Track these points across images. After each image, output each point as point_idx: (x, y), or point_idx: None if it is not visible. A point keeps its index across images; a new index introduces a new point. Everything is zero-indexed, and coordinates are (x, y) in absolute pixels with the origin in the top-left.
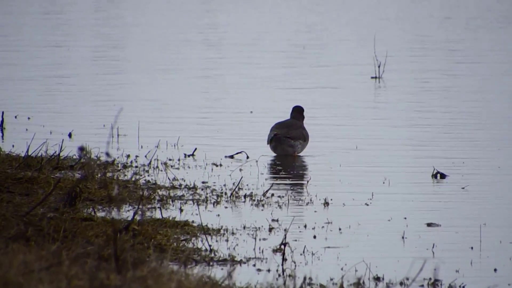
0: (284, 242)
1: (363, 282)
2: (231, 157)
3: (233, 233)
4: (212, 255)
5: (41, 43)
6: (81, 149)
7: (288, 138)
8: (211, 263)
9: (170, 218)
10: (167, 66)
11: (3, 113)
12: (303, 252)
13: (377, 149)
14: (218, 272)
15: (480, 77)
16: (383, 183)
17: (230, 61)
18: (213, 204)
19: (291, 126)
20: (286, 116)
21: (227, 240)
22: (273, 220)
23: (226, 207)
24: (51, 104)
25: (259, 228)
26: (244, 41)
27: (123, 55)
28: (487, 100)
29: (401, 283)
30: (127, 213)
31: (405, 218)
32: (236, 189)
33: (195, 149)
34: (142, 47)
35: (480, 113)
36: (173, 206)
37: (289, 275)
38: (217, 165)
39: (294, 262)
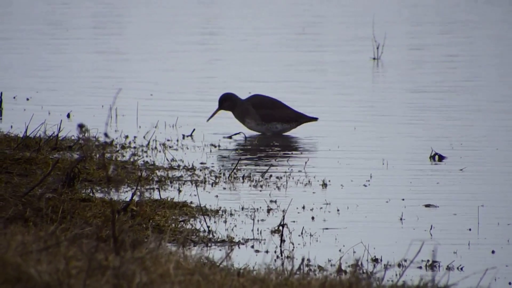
0: (282, 223)
1: (361, 264)
2: (230, 137)
3: (231, 214)
4: (210, 236)
5: (39, 23)
6: (81, 126)
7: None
8: (209, 244)
9: (169, 199)
10: (167, 46)
11: (1, 93)
12: (301, 233)
13: (376, 131)
14: (216, 253)
15: (480, 57)
16: (382, 164)
17: (229, 42)
18: (212, 185)
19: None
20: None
21: (225, 221)
22: (271, 201)
23: (224, 188)
24: (50, 85)
25: (257, 209)
26: (243, 23)
27: (123, 35)
28: (486, 80)
29: (399, 265)
30: (125, 194)
31: (403, 199)
32: (235, 170)
33: (194, 130)
34: (142, 27)
35: (478, 94)
36: (171, 187)
37: (287, 257)
38: (215, 146)
39: (292, 244)
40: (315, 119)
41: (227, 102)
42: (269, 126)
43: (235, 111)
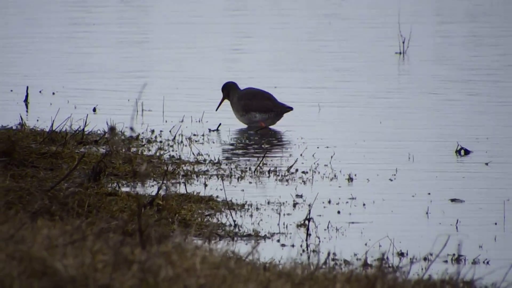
0: (308, 217)
1: (387, 258)
2: (255, 132)
3: (257, 208)
4: (237, 230)
5: (64, 18)
6: (112, 129)
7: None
8: (235, 238)
9: (195, 193)
10: (192, 40)
11: (27, 88)
12: (327, 227)
13: (402, 125)
14: (242, 247)
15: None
16: (408, 159)
17: (256, 37)
18: (238, 179)
19: (275, 97)
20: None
21: (251, 215)
22: (297, 195)
23: (250, 182)
24: (76, 79)
25: (283, 203)
26: (269, 16)
27: (148, 28)
28: None
29: (424, 259)
30: (151, 188)
31: (429, 193)
32: (260, 165)
33: (220, 124)
34: (167, 21)
35: (505, 88)
36: (197, 181)
37: (313, 251)
38: (241, 140)
39: (318, 238)
40: (291, 108)
41: (225, 91)
42: (248, 116)
43: (230, 101)
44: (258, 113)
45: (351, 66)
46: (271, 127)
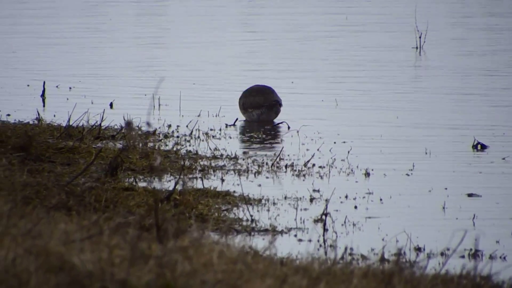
0: (325, 212)
1: (404, 253)
2: (272, 127)
3: (274, 203)
4: (254, 225)
5: (81, 13)
6: (129, 124)
7: (279, 104)
8: (252, 233)
9: (212, 188)
10: (209, 35)
11: (44, 82)
12: (344, 222)
13: (418, 120)
14: (259, 242)
15: None
16: (425, 153)
17: (270, 34)
18: (254, 174)
19: (272, 91)
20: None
21: (268, 210)
22: (314, 190)
23: (267, 177)
24: (93, 74)
25: (300, 198)
26: (284, 15)
27: (165, 23)
28: None
29: (441, 254)
30: (168, 183)
31: (446, 188)
32: (277, 159)
33: (236, 119)
34: (184, 16)
35: None
36: (214, 176)
37: (330, 245)
38: (258, 135)
39: (335, 232)
40: (276, 102)
41: None
42: (247, 114)
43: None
44: (253, 109)
45: (368, 61)
46: (287, 122)
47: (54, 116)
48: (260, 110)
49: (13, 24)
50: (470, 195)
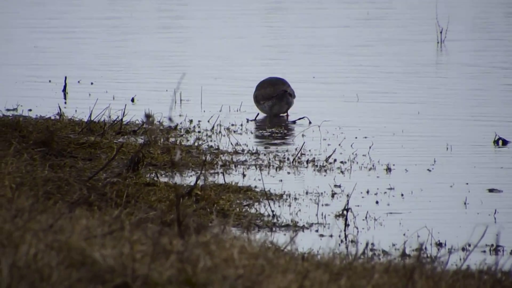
0: (346, 207)
1: (425, 248)
2: (294, 122)
3: (295, 199)
4: (275, 220)
5: (103, 8)
6: (148, 116)
7: (289, 94)
8: (273, 229)
9: (233, 183)
10: (230, 30)
11: (66, 78)
12: (366, 217)
13: (440, 115)
14: (280, 238)
15: None
16: (446, 149)
17: (292, 28)
18: (276, 170)
19: (284, 83)
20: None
21: (289, 206)
22: (335, 185)
23: (288, 173)
24: (114, 69)
25: (322, 193)
26: (307, 10)
27: (187, 18)
28: None
29: (463, 249)
30: (189, 178)
31: (467, 184)
32: (299, 155)
33: (258, 114)
34: (206, 10)
35: None
36: (235, 171)
37: (352, 241)
38: (279, 131)
39: (357, 228)
40: (284, 91)
41: None
42: (260, 107)
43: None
44: (265, 101)
45: (389, 57)
46: (309, 117)
47: (76, 111)
48: (271, 101)
49: (35, 19)
50: (491, 190)
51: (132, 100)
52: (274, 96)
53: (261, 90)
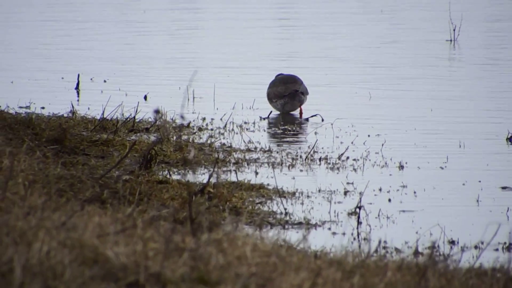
0: (359, 205)
1: (438, 246)
2: (306, 120)
3: (308, 196)
4: (287, 218)
5: (116, 6)
6: (157, 111)
7: (301, 93)
8: (286, 226)
9: (245, 181)
10: (244, 27)
11: (78, 75)
12: (378, 215)
13: (452, 113)
14: (293, 235)
15: None
16: (459, 147)
17: (306, 27)
18: (288, 167)
19: (296, 81)
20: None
21: (302, 203)
22: (348, 183)
23: (301, 170)
24: (127, 67)
25: (334, 191)
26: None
27: (199, 17)
28: None
29: (475, 247)
30: (202, 176)
31: (480, 181)
32: (311, 152)
33: (271, 112)
34: (218, 7)
35: None
36: (248, 169)
37: (364, 239)
38: (292, 128)
39: (369, 226)
40: (296, 91)
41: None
42: (273, 104)
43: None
44: (277, 99)
45: (402, 54)
46: (321, 114)
47: (88, 108)
48: (283, 100)
49: (47, 17)
50: (504, 188)
51: (145, 97)
52: (286, 95)
53: (273, 88)
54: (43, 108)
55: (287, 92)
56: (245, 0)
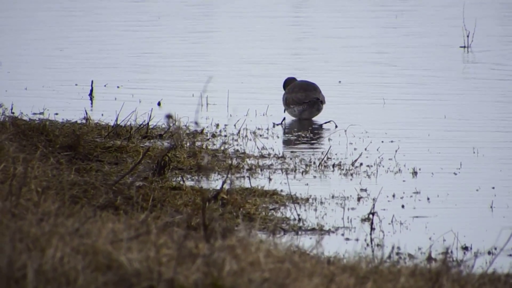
0: (372, 211)
1: (451, 252)
2: (320, 126)
3: (321, 203)
4: (301, 224)
5: (129, 12)
6: (169, 116)
7: (320, 102)
8: (299, 232)
9: (259, 187)
10: (258, 33)
11: (92, 82)
12: (391, 221)
13: (466, 119)
14: (306, 241)
15: None
16: (472, 152)
17: (320, 32)
18: (302, 174)
19: (316, 88)
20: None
21: (315, 210)
22: (361, 189)
23: (314, 177)
24: (141, 73)
25: (348, 197)
26: (332, 15)
27: (213, 22)
28: None
29: (489, 253)
30: (215, 182)
31: (493, 187)
32: (325, 159)
33: (284, 118)
34: (232, 15)
35: None
36: (261, 175)
37: (378, 245)
38: (305, 134)
39: (382, 232)
40: (317, 99)
41: (284, 87)
42: (290, 110)
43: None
44: (295, 105)
45: (416, 61)
46: (335, 121)
47: (102, 115)
48: (302, 106)
49: (61, 23)
50: None
51: (159, 104)
52: (306, 102)
53: (292, 94)
54: (56, 114)
55: (307, 100)
56: (259, 3)
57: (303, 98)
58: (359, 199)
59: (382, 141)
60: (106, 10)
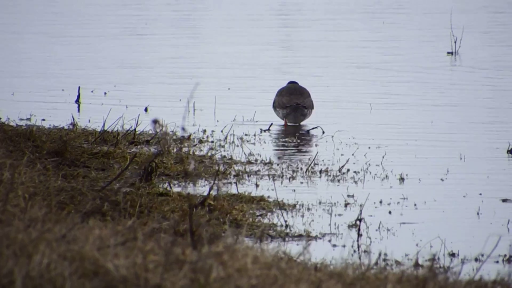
0: (359, 217)
1: (438, 258)
2: (307, 132)
3: (308, 209)
4: (288, 230)
5: (118, 17)
6: (155, 121)
7: (303, 107)
8: (286, 239)
9: (246, 193)
10: (245, 40)
11: (79, 87)
12: (379, 228)
13: (453, 125)
14: (293, 248)
15: None
16: (459, 159)
17: (306, 38)
18: (289, 180)
19: (303, 93)
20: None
21: (302, 216)
22: (348, 195)
23: (301, 183)
24: (127, 79)
25: (335, 203)
26: (322, 20)
27: (201, 29)
28: None
29: (476, 259)
30: (203, 188)
31: (480, 194)
32: (312, 165)
33: (271, 124)
34: (220, 21)
35: None
36: (248, 181)
37: (365, 251)
38: (292, 140)
39: (370, 238)
40: (298, 104)
41: None
42: (276, 112)
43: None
44: (280, 109)
45: (403, 66)
46: (322, 127)
47: (89, 121)
48: (286, 110)
49: (48, 29)
50: (504, 200)
51: (146, 109)
52: (287, 106)
53: (279, 97)
54: (43, 120)
55: (289, 104)
56: (247, 8)
57: (286, 102)
58: (346, 205)
59: (369, 147)
60: (93, 16)
